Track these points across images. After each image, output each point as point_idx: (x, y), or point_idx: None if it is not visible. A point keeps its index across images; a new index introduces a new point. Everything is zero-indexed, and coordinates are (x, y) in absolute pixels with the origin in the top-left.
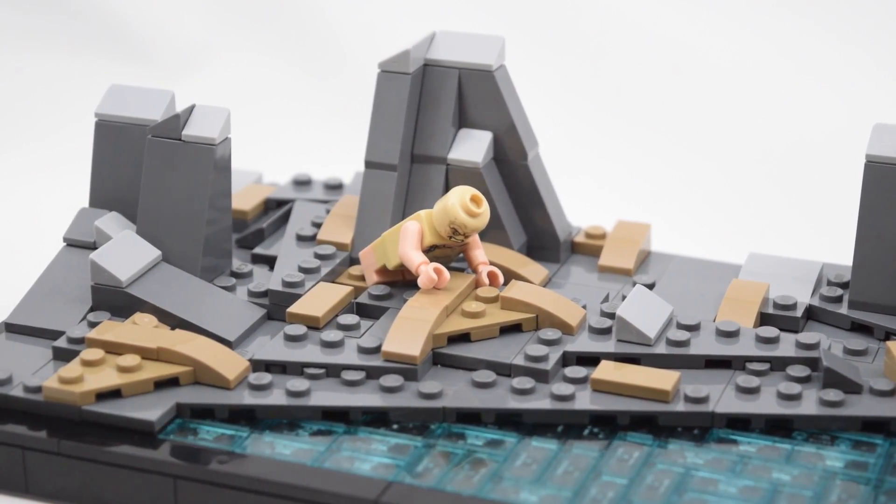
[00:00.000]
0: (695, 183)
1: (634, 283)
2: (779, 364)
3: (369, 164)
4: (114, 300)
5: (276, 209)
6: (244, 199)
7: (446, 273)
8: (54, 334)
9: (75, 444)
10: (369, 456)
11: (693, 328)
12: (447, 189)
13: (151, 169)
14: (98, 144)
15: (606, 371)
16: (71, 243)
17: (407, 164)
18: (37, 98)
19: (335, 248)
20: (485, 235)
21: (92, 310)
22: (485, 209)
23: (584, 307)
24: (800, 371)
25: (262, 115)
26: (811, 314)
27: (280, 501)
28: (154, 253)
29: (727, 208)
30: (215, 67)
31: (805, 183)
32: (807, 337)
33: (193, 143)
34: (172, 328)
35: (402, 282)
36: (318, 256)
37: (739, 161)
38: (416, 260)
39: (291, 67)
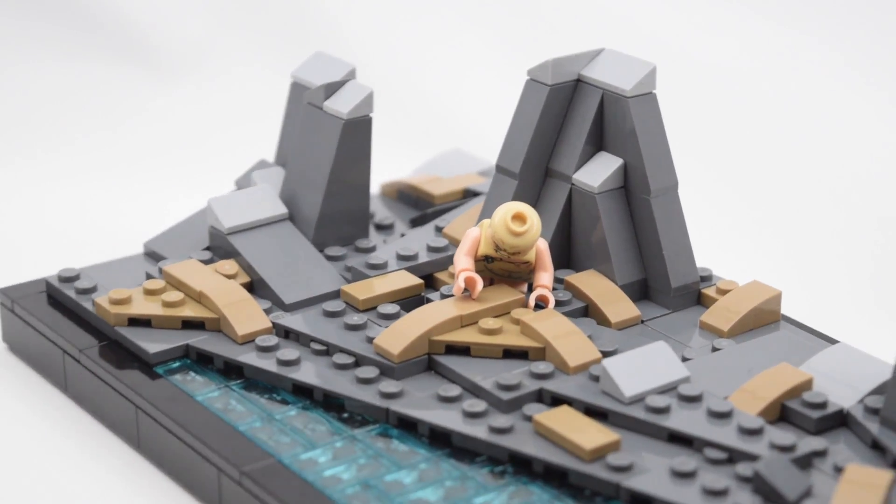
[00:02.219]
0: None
1: (713, 347)
2: (741, 457)
3: (498, 169)
4: (220, 244)
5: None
6: (443, 184)
7: (479, 285)
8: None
9: (90, 358)
10: (291, 433)
11: (689, 399)
12: (569, 208)
13: (301, 133)
14: (290, 104)
15: (551, 416)
16: (241, 188)
17: (536, 175)
18: (38, 97)
19: (448, 242)
20: (591, 264)
21: (206, 250)
22: (528, 229)
23: (611, 353)
24: (748, 470)
25: (262, 115)
26: (846, 421)
27: (184, 449)
28: (278, 210)
29: None
30: (216, 67)
31: None
32: (784, 437)
33: (329, 115)
34: (250, 281)
35: (488, 284)
36: (429, 248)
37: None
38: (460, 265)
39: (292, 67)
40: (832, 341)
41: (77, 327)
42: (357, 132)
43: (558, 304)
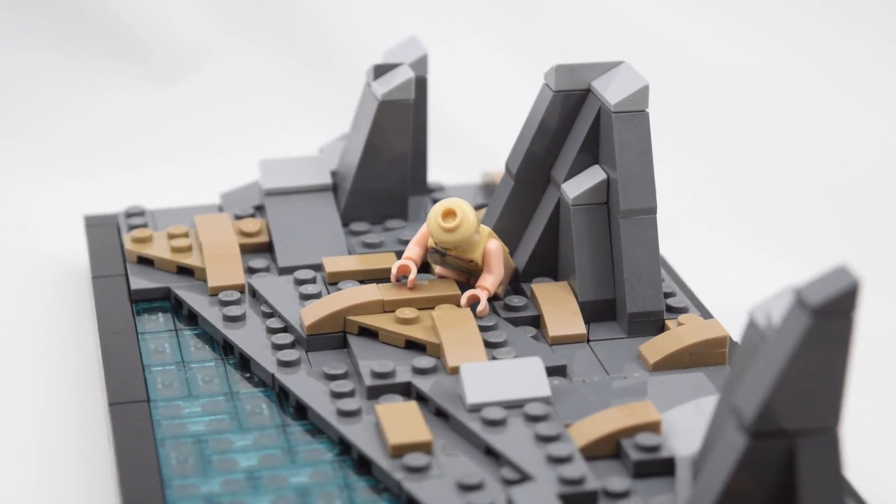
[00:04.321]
0: None
1: (624, 375)
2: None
3: (506, 168)
4: (262, 203)
5: None
6: None
7: (412, 274)
8: None
9: (95, 286)
10: (186, 381)
11: (529, 418)
12: (556, 213)
13: (357, 110)
14: None
15: (390, 408)
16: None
17: (536, 179)
18: (37, 96)
19: None
20: (567, 277)
21: (257, 207)
22: (457, 225)
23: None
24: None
25: (262, 116)
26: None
27: (102, 377)
28: (320, 180)
29: None
30: (215, 67)
31: None
32: (574, 470)
33: (371, 94)
34: (269, 241)
35: (464, 280)
36: None
37: None
38: (405, 253)
39: (291, 67)
40: None
41: (118, 259)
42: (394, 114)
43: (512, 308)
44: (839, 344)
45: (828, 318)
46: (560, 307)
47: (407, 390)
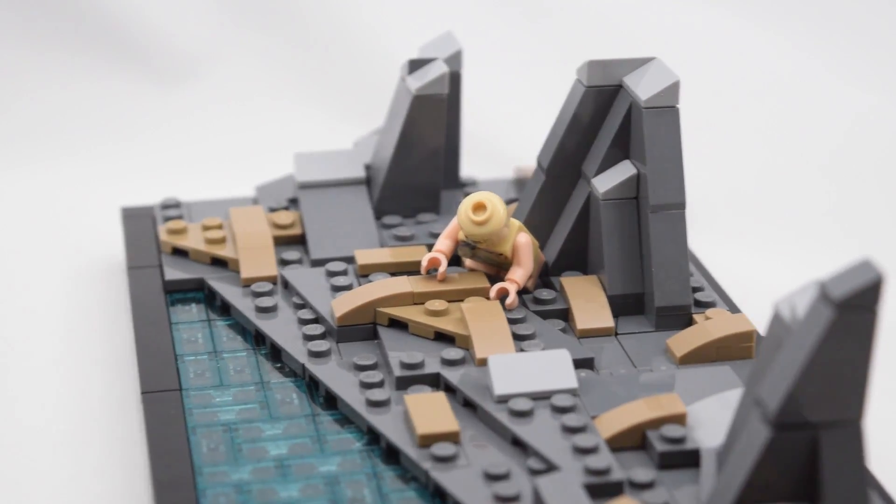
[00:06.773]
0: None
1: (651, 369)
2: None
3: (538, 163)
4: (297, 196)
5: None
6: None
7: (442, 267)
8: None
9: (130, 277)
10: (217, 371)
11: (556, 409)
12: (586, 208)
13: (391, 104)
14: None
15: (419, 399)
16: None
17: (567, 174)
18: (39, 100)
19: None
20: (597, 271)
21: (291, 200)
22: (487, 218)
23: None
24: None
25: (262, 119)
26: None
27: (136, 366)
28: (354, 173)
29: None
30: (217, 71)
31: None
32: (600, 461)
33: (405, 88)
34: (302, 233)
35: (494, 273)
36: None
37: None
38: (436, 246)
39: (292, 71)
40: None
41: (153, 250)
42: (428, 108)
43: (542, 302)
44: (862, 337)
45: (851, 311)
46: (589, 301)
47: (436, 381)
